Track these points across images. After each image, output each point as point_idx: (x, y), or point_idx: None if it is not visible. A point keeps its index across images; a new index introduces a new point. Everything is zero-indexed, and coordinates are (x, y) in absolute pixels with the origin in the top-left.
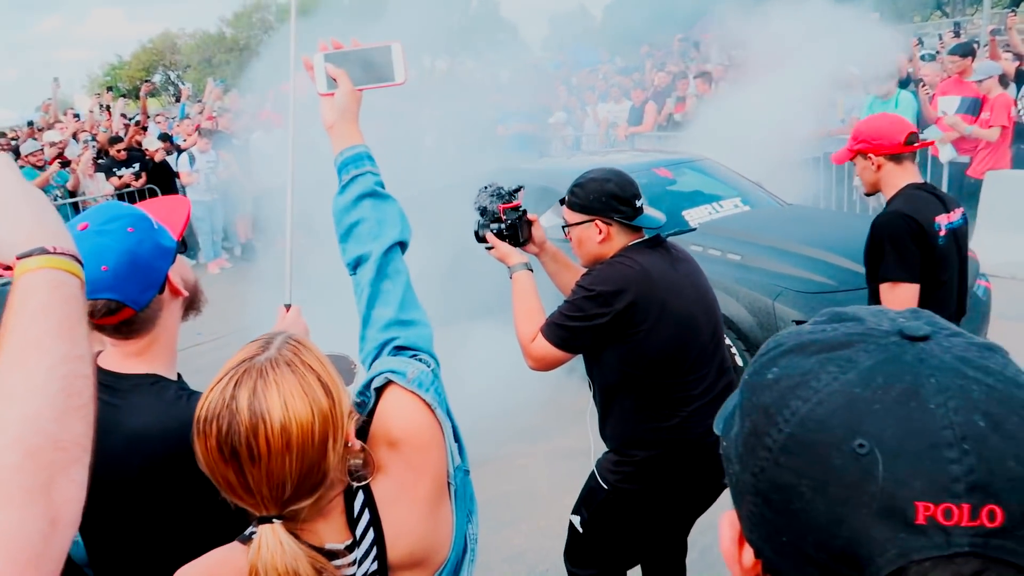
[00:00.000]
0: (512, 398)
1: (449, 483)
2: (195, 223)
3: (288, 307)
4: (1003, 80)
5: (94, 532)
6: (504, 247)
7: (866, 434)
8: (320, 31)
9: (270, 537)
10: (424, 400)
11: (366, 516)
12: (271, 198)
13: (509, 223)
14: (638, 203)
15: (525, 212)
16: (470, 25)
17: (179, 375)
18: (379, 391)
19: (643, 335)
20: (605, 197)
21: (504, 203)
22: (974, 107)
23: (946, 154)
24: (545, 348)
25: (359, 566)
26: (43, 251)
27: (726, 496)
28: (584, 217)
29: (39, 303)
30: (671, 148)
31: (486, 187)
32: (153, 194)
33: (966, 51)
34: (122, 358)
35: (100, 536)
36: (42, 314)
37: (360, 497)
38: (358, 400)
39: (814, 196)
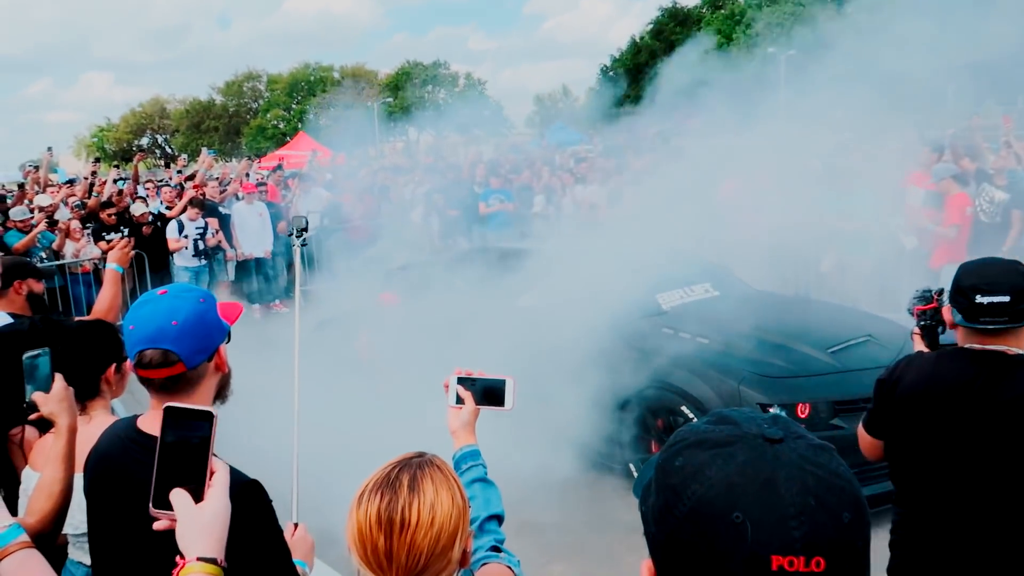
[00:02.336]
0: None
1: None
2: None
3: (296, 525)
4: (963, 179)
5: None
6: None
7: (741, 509)
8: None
9: None
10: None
11: None
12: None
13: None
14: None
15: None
16: (456, 102)
17: None
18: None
19: None
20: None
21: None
22: (937, 200)
23: (910, 243)
24: None
25: None
26: (215, 562)
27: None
28: None
29: None
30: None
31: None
32: (140, 260)
33: (936, 146)
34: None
35: None
36: None
37: None
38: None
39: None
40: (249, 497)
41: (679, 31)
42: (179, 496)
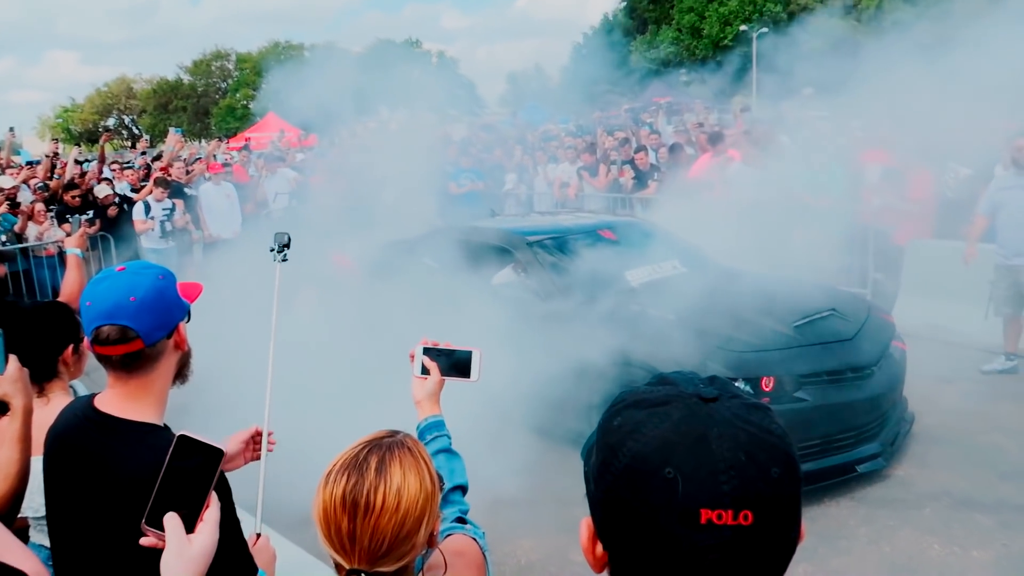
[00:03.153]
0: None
1: None
2: None
3: (258, 535)
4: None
5: (68, 566)
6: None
7: (673, 465)
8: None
9: None
10: (481, 547)
11: None
12: (217, 249)
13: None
14: None
15: None
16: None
17: (166, 424)
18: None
19: None
20: None
21: None
22: (897, 176)
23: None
24: None
25: None
26: None
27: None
28: None
29: None
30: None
31: None
32: (105, 241)
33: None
34: (119, 400)
35: (73, 571)
36: None
37: None
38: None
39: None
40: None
41: (652, 8)
42: (172, 521)
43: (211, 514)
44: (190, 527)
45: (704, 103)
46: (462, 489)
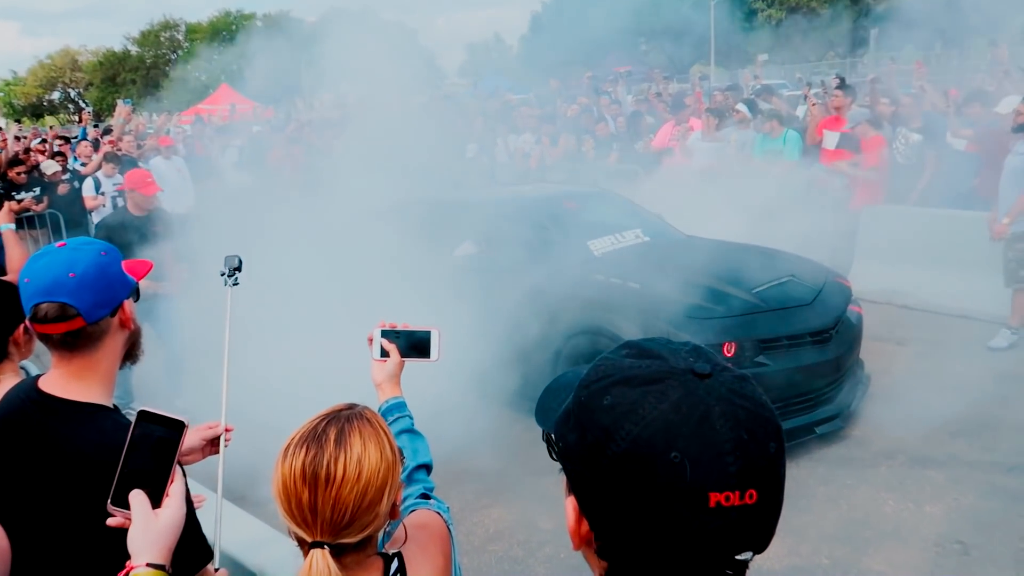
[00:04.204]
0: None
1: None
2: None
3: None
4: (877, 123)
5: (19, 551)
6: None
7: (678, 448)
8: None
9: (320, 560)
10: (445, 520)
11: None
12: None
13: None
14: None
15: None
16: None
17: (115, 405)
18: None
19: None
20: None
21: None
22: (852, 143)
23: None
24: None
25: None
26: (163, 568)
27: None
28: None
29: None
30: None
31: None
32: (55, 220)
33: (848, 90)
34: (64, 381)
35: (24, 556)
36: None
37: (395, 564)
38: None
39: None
40: None
41: None
42: (138, 498)
43: (177, 487)
44: (156, 502)
45: (663, 72)
46: (426, 468)
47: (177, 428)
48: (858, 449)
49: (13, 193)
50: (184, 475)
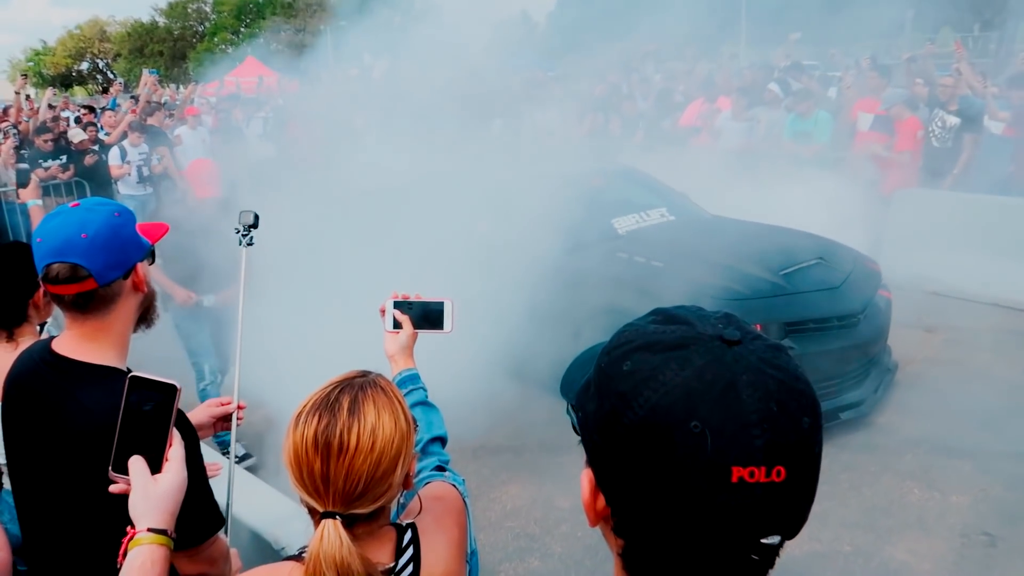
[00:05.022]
0: None
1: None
2: None
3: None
4: (913, 104)
5: (30, 514)
6: None
7: (699, 418)
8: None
9: (331, 530)
10: (460, 493)
11: (410, 551)
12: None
13: None
14: None
15: None
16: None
17: (129, 368)
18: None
19: None
20: None
21: None
22: (887, 124)
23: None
24: None
25: None
26: (165, 533)
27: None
28: None
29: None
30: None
31: None
32: (81, 188)
33: (883, 70)
34: (76, 342)
35: (35, 519)
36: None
37: (408, 535)
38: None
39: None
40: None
41: None
42: (137, 464)
43: (175, 452)
44: (156, 468)
45: (693, 50)
46: (441, 440)
47: (169, 393)
48: (883, 436)
49: (40, 160)
50: (197, 442)
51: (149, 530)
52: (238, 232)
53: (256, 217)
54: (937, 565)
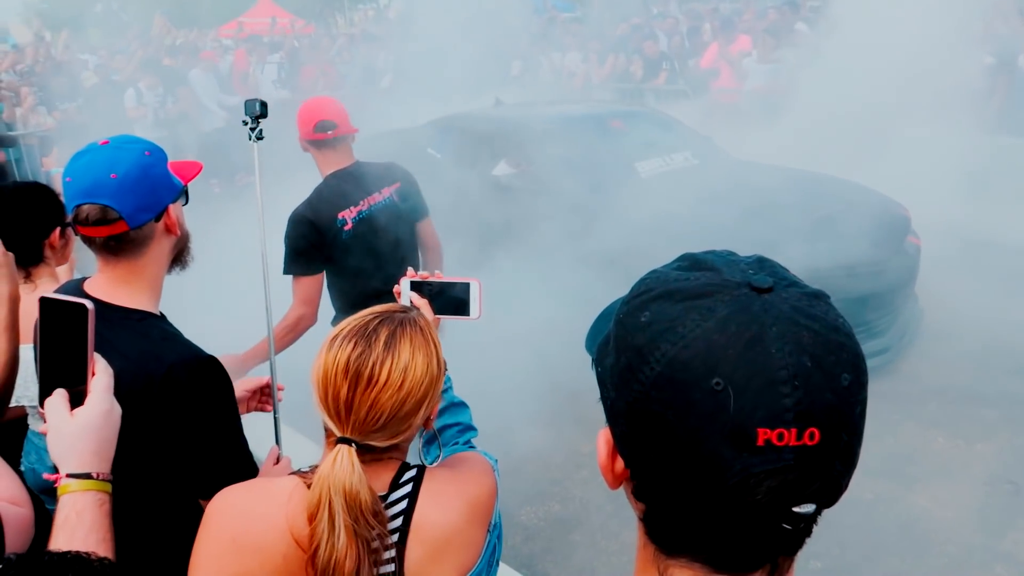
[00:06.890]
0: None
1: (489, 529)
2: None
3: (279, 457)
4: None
5: None
6: None
7: (721, 374)
8: None
9: (345, 456)
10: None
11: (408, 488)
12: (210, 137)
13: None
14: None
15: None
16: None
17: (162, 313)
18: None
19: None
20: None
21: None
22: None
23: None
24: None
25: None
26: (89, 476)
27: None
28: None
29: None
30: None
31: None
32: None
33: None
34: (109, 285)
35: None
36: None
37: (412, 473)
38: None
39: None
40: (205, 375)
41: None
42: (51, 403)
43: (98, 382)
44: (82, 402)
45: None
46: (471, 429)
47: (80, 313)
48: (907, 384)
49: (56, 103)
50: (233, 398)
51: (68, 475)
52: (246, 124)
53: (263, 105)
54: (960, 513)
